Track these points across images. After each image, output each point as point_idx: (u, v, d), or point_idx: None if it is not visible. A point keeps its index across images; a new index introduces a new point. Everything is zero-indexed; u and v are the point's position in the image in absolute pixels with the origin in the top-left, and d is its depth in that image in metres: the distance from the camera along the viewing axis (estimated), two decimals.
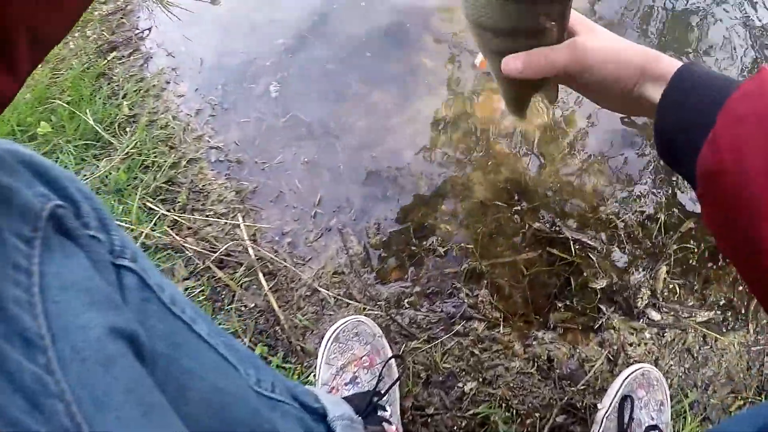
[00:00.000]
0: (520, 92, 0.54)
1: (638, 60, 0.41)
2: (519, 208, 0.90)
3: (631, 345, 0.84)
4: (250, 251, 0.90)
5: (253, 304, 0.87)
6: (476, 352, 0.81)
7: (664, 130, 0.38)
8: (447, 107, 1.00)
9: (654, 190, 0.93)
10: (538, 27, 0.42)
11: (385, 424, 0.75)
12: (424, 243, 0.87)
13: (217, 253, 0.89)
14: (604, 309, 0.83)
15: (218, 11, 1.17)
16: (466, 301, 0.83)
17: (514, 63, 0.43)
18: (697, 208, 0.92)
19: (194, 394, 0.40)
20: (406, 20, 1.09)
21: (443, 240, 0.87)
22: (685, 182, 0.92)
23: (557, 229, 0.87)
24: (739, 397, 0.86)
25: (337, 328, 0.82)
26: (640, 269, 0.86)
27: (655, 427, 0.75)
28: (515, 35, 0.44)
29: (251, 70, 1.06)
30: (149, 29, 1.17)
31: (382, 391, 0.78)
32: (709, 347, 0.88)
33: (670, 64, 0.39)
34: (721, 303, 0.90)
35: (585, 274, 0.84)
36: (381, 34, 1.07)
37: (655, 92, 0.39)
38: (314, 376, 0.81)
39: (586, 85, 0.44)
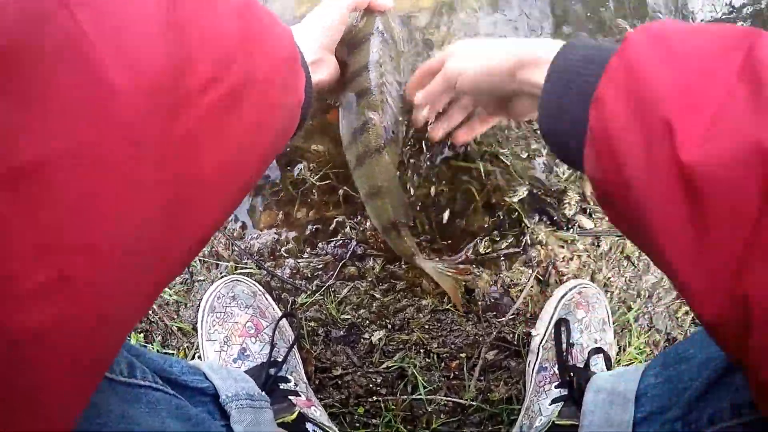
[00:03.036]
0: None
1: (506, 54, 0.43)
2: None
3: (563, 260, 0.72)
4: None
5: None
6: (377, 295, 0.67)
7: (550, 133, 0.38)
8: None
9: None
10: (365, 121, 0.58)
11: (292, 398, 0.61)
12: (291, 174, 0.69)
13: None
14: (527, 223, 0.70)
15: None
16: (353, 236, 0.67)
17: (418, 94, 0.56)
18: None
19: None
20: None
21: (315, 165, 0.69)
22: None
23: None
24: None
25: (210, 295, 0.67)
26: (565, 170, 0.72)
27: (598, 350, 0.64)
28: (354, 138, 0.59)
29: None
30: None
31: (279, 360, 0.63)
32: None
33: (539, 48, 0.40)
34: None
35: (498, 185, 0.69)
36: None
37: (532, 74, 0.40)
38: (200, 357, 0.66)
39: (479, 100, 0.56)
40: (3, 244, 0.19)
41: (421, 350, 0.68)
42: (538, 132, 0.70)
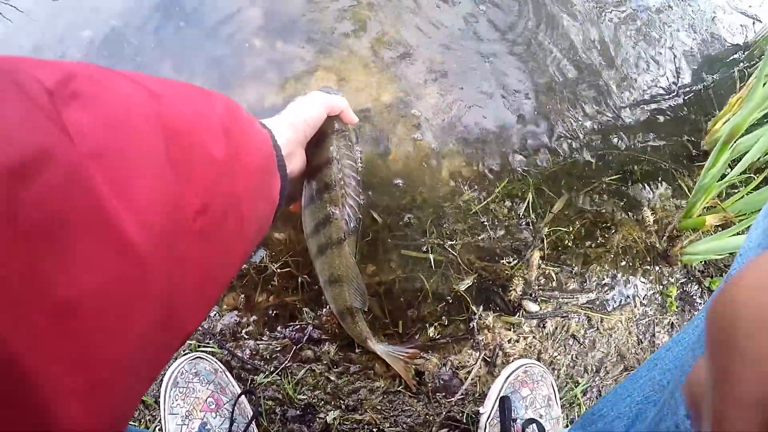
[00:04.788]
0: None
1: None
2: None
3: (509, 342, 0.77)
4: None
5: None
6: (332, 377, 0.71)
7: None
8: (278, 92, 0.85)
9: (522, 167, 0.84)
10: (327, 215, 0.63)
11: None
12: (254, 261, 0.74)
13: None
14: (473, 309, 0.75)
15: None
16: (310, 322, 0.72)
17: None
18: (571, 185, 0.84)
19: None
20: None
21: (276, 252, 0.75)
22: (552, 158, 0.83)
23: (407, 222, 0.76)
24: None
25: (174, 371, 0.70)
26: (511, 260, 0.77)
27: (531, 420, 0.68)
28: (317, 230, 0.63)
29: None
30: None
31: None
32: (595, 329, 0.82)
33: None
34: (604, 282, 0.83)
35: (448, 275, 0.75)
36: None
37: None
38: (161, 430, 0.69)
39: None
40: (49, 356, 0.24)
41: (374, 430, 0.72)
42: (487, 224, 0.77)
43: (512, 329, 0.77)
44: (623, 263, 0.85)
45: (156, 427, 0.72)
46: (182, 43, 0.86)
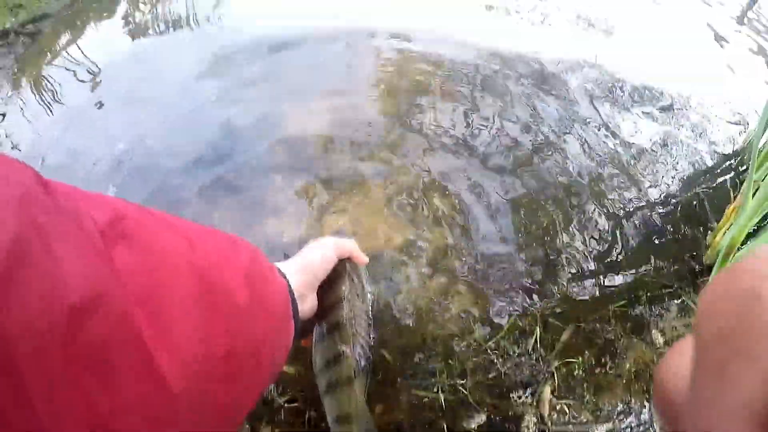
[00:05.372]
0: None
1: None
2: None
3: None
4: None
5: None
6: None
7: None
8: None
9: (526, 303, 0.86)
10: (338, 353, 0.63)
11: None
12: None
13: None
14: None
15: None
16: None
17: None
18: (576, 317, 0.86)
19: None
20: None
21: (283, 388, 0.76)
22: (558, 278, 0.86)
23: (413, 363, 0.77)
24: None
25: None
26: (522, 395, 0.77)
27: None
28: (327, 367, 0.63)
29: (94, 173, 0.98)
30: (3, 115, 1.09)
31: None
32: None
33: None
34: (619, 410, 0.82)
35: (458, 413, 0.75)
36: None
37: None
38: None
39: None
40: None
41: None
42: (497, 361, 0.78)
43: None
44: (636, 387, 0.84)
45: None
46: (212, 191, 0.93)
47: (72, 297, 0.25)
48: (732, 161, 1.17)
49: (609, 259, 0.94)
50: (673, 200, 1.06)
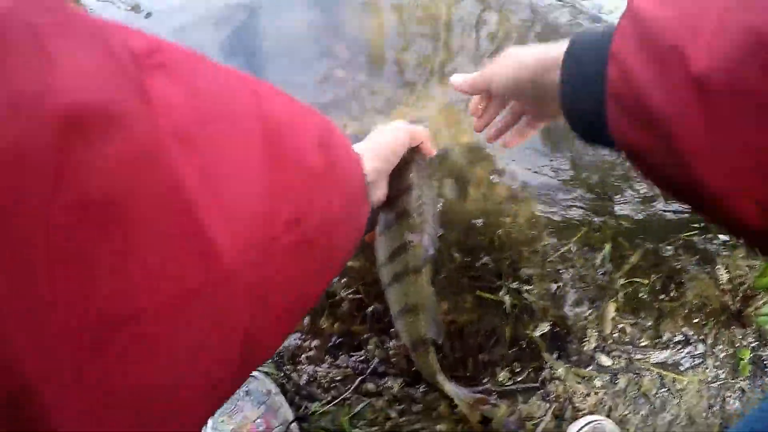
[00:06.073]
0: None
1: (531, 58, 0.44)
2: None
3: (579, 396, 0.73)
4: None
5: None
6: (393, 414, 0.69)
7: (572, 108, 0.39)
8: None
9: (596, 218, 0.83)
10: (405, 242, 0.61)
11: None
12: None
13: None
14: (545, 358, 0.72)
15: None
16: (376, 354, 0.70)
17: (457, 79, 0.56)
18: (644, 239, 0.83)
19: None
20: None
21: (345, 281, 0.74)
22: (630, 210, 0.83)
23: (481, 264, 0.75)
24: None
25: None
26: (585, 309, 0.75)
27: None
28: (393, 257, 0.61)
29: None
30: None
31: None
32: (666, 390, 0.78)
33: (560, 48, 0.41)
34: (676, 339, 0.80)
35: (522, 320, 0.73)
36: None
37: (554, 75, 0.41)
38: None
39: (514, 96, 0.52)
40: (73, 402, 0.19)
41: None
42: (564, 271, 0.76)
43: (583, 383, 0.74)
44: (696, 320, 0.82)
45: None
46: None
47: (62, 98, 0.17)
48: None
49: None
50: None
